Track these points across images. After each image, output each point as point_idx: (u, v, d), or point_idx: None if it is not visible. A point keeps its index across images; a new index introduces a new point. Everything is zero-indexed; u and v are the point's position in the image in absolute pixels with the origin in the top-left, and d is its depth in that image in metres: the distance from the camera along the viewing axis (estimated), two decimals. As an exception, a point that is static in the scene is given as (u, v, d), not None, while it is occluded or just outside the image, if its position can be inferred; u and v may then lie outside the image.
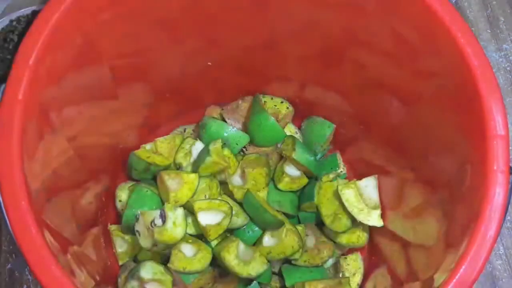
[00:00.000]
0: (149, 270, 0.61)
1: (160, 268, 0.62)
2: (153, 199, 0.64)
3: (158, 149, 0.69)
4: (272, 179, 0.69)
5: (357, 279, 0.68)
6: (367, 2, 0.52)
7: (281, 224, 0.63)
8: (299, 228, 0.65)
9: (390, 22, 0.52)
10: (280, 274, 0.67)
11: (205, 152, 0.64)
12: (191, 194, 0.63)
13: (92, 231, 0.63)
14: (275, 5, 0.56)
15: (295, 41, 0.61)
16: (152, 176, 0.68)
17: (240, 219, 0.64)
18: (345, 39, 0.58)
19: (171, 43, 0.59)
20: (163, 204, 0.63)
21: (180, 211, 0.60)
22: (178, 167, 0.67)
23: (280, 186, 0.67)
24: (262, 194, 0.67)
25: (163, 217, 0.58)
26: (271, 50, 0.63)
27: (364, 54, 0.59)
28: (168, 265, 0.60)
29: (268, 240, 0.64)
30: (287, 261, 0.67)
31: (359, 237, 0.68)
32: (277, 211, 0.65)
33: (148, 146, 0.69)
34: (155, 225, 0.58)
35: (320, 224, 0.69)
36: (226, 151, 0.66)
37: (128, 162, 0.68)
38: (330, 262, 0.69)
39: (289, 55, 0.64)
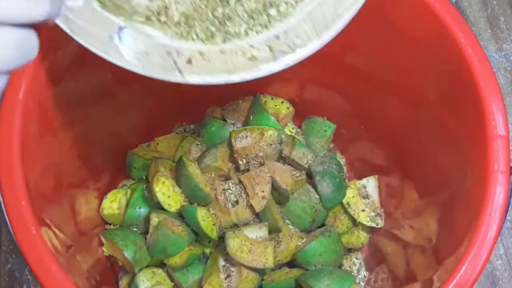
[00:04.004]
0: (144, 280, 0.61)
1: (154, 270, 0.62)
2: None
3: (158, 148, 0.69)
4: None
5: (357, 279, 0.68)
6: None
7: (277, 230, 0.62)
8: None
9: (390, 23, 0.52)
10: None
11: (211, 154, 0.64)
12: None
13: (92, 231, 0.63)
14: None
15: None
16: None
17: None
18: (345, 40, 0.57)
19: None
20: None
21: None
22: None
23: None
24: None
25: None
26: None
27: (363, 55, 0.58)
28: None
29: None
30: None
31: (359, 237, 0.68)
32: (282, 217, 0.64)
33: (147, 145, 0.69)
34: None
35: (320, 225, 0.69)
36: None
37: (126, 161, 0.68)
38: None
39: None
